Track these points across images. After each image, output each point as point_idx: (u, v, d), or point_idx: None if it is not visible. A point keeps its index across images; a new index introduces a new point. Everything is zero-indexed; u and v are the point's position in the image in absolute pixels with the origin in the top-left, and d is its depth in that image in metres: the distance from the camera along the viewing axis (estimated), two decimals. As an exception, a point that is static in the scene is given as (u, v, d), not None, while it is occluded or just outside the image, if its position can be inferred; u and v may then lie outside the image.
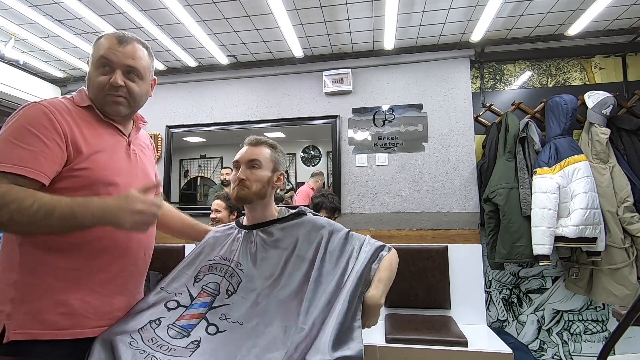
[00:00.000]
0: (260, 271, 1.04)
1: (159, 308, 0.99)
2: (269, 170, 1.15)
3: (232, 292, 1.01)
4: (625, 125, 2.27)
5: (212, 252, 1.14)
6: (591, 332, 2.40)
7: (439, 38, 2.59)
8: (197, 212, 2.79)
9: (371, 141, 2.75)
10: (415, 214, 2.62)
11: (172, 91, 3.11)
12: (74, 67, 2.97)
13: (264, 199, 1.15)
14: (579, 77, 2.59)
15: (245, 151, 1.16)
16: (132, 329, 0.92)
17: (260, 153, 1.15)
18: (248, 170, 1.13)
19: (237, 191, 1.12)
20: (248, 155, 1.14)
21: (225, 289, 1.02)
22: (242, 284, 1.02)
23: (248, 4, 2.16)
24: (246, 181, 1.11)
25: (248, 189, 1.11)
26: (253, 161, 1.13)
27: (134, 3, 2.12)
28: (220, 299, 1.00)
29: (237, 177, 1.12)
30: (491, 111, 2.65)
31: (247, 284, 1.02)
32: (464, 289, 2.42)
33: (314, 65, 2.87)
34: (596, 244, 2.06)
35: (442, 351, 1.89)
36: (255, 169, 1.13)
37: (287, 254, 1.06)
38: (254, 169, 1.13)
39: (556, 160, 2.19)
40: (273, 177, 1.16)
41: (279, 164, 1.19)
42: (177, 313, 0.98)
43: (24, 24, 2.34)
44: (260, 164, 1.13)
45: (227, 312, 0.97)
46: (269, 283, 1.01)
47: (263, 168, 1.14)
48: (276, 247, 1.09)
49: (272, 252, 1.08)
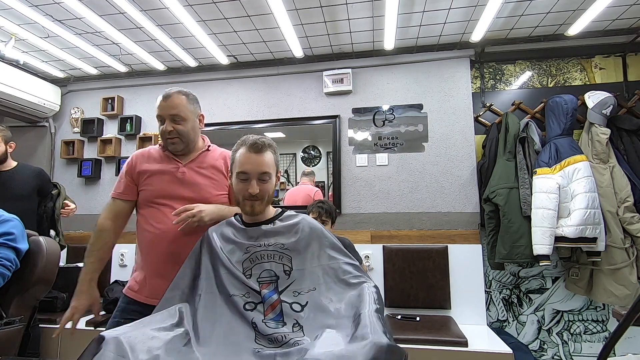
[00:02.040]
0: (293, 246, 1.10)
1: (239, 312, 1.00)
2: (274, 175, 1.17)
3: (289, 270, 1.06)
4: (625, 125, 2.27)
5: (238, 245, 1.12)
6: (591, 332, 2.40)
7: (439, 38, 2.59)
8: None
9: (371, 141, 2.75)
10: (415, 214, 2.62)
11: (172, 91, 3.11)
12: (74, 67, 2.97)
13: (271, 203, 1.19)
14: (579, 77, 2.59)
15: (253, 162, 1.12)
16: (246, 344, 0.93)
17: (268, 161, 1.14)
18: (260, 183, 1.12)
19: (251, 207, 1.12)
20: (258, 168, 1.11)
21: (282, 270, 1.06)
22: (293, 261, 1.08)
23: (248, 4, 2.16)
24: (260, 194, 1.12)
25: (261, 202, 1.13)
26: (265, 174, 1.12)
27: (134, 3, 2.12)
28: (282, 282, 1.04)
29: (250, 191, 1.10)
30: (491, 111, 2.65)
31: (298, 260, 1.08)
32: (464, 289, 2.42)
33: (314, 65, 2.87)
34: (596, 244, 2.06)
35: (442, 351, 1.89)
36: (266, 181, 1.13)
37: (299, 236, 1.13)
38: (265, 182, 1.13)
39: (556, 160, 2.19)
40: (277, 180, 1.20)
41: (279, 165, 1.21)
42: (259, 312, 1.00)
43: (24, 24, 2.34)
44: (270, 175, 1.14)
45: (296, 287, 1.04)
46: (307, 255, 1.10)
47: (272, 177, 1.15)
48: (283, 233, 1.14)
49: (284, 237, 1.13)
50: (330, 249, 1.12)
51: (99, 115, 3.17)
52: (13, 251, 1.43)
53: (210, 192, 1.35)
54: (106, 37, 2.51)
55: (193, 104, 1.37)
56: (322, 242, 1.13)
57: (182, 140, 1.33)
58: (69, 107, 3.25)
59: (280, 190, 2.99)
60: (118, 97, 3.14)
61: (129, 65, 2.98)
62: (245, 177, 1.12)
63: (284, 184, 3.00)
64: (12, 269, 1.42)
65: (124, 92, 3.19)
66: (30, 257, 1.51)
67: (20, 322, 1.45)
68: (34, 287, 1.49)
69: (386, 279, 2.50)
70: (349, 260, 1.11)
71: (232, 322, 0.98)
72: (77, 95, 3.24)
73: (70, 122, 3.25)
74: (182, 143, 1.33)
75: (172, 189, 1.33)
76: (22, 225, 1.53)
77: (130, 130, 3.07)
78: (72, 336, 1.36)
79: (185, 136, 1.33)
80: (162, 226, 1.29)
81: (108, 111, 3.14)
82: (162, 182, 1.33)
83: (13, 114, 2.95)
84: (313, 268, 1.08)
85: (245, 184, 1.12)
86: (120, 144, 3.15)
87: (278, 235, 1.12)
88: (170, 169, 1.35)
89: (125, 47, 2.63)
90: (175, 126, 1.31)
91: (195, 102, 1.40)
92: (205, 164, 1.38)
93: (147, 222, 1.33)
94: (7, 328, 1.40)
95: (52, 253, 1.57)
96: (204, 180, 1.36)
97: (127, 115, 3.10)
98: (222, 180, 1.39)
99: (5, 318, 1.41)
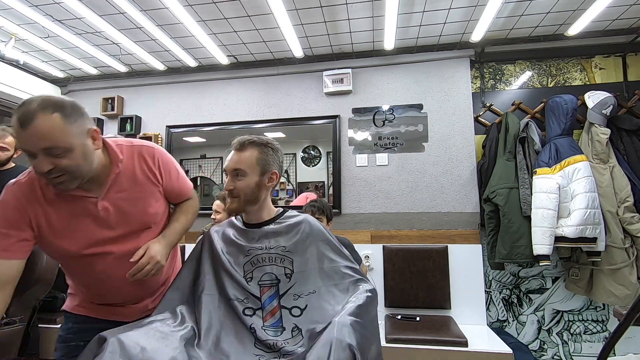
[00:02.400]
0: (294, 247, 1.10)
1: (238, 316, 1.00)
2: (257, 175, 1.10)
3: (290, 273, 1.06)
4: (625, 125, 2.27)
5: (239, 247, 1.11)
6: (591, 332, 2.40)
7: (439, 38, 2.59)
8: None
9: (371, 141, 2.75)
10: (415, 214, 2.62)
11: (172, 91, 3.11)
12: (74, 67, 2.97)
13: (257, 203, 1.13)
14: (579, 77, 2.59)
15: (230, 158, 1.12)
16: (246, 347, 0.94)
17: (245, 159, 1.10)
18: (235, 180, 1.10)
19: (229, 204, 1.12)
20: (232, 165, 1.11)
21: (284, 273, 1.05)
22: (294, 263, 1.07)
23: (248, 4, 2.16)
24: (234, 191, 1.10)
25: (238, 200, 1.10)
26: (237, 170, 1.10)
27: (134, 3, 2.12)
28: (283, 285, 1.04)
29: (226, 187, 1.12)
30: (491, 111, 2.65)
31: (299, 262, 1.07)
32: (464, 289, 2.42)
33: (314, 65, 2.87)
34: (596, 244, 2.06)
35: (442, 351, 1.89)
36: (240, 178, 1.10)
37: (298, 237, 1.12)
38: (239, 178, 1.10)
39: (556, 160, 2.19)
40: (264, 179, 1.11)
41: (269, 164, 1.12)
42: (259, 317, 1.00)
43: (24, 24, 2.34)
44: (244, 172, 1.09)
45: (297, 291, 1.04)
46: (307, 256, 1.09)
47: (248, 175, 1.09)
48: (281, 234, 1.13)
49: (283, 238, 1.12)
50: (330, 251, 1.12)
51: (99, 115, 3.17)
52: None
53: (147, 211, 1.07)
54: (106, 37, 2.51)
55: (75, 121, 0.88)
56: (322, 244, 1.13)
57: (73, 177, 0.90)
58: (69, 107, 3.25)
59: (280, 190, 2.98)
60: (118, 97, 3.14)
61: (129, 65, 2.98)
62: (225, 172, 1.14)
63: (284, 184, 3.00)
64: None
65: (124, 92, 3.19)
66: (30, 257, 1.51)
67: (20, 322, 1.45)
68: (34, 287, 1.49)
69: (386, 279, 2.50)
70: (349, 264, 1.11)
71: (232, 326, 0.99)
72: (77, 95, 3.24)
73: (70, 122, 3.25)
74: (74, 180, 0.91)
75: (101, 234, 1.00)
76: None
77: (131, 130, 3.06)
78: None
79: (76, 171, 0.89)
80: (104, 276, 1.04)
81: (108, 111, 3.14)
82: (84, 231, 0.98)
83: (13, 114, 2.95)
84: (314, 270, 1.08)
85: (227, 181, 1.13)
86: (120, 144, 3.14)
87: (279, 237, 1.11)
88: (86, 209, 0.98)
89: (125, 47, 2.63)
90: (56, 162, 0.85)
91: (79, 116, 0.89)
92: (126, 185, 1.03)
93: (79, 272, 1.08)
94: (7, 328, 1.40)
95: (52, 253, 1.57)
96: (134, 205, 1.04)
97: (127, 115, 3.10)
98: (152, 188, 1.09)
99: (5, 318, 1.41)
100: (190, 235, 2.73)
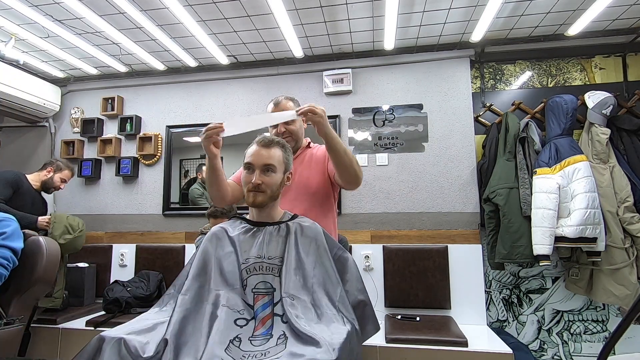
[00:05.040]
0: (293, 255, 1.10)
1: (229, 324, 0.97)
2: (282, 172, 1.16)
3: (285, 282, 1.06)
4: (625, 125, 2.27)
5: (239, 252, 1.11)
6: (591, 332, 2.39)
7: (439, 38, 2.59)
8: (196, 212, 2.80)
9: (371, 141, 2.75)
10: (415, 214, 2.62)
11: (172, 91, 3.11)
12: (74, 67, 2.97)
13: (276, 200, 1.18)
14: (579, 77, 2.59)
15: (258, 153, 1.14)
16: (218, 353, 0.89)
17: (274, 155, 1.14)
18: (263, 175, 1.13)
19: (254, 197, 1.13)
20: (264, 160, 1.13)
21: (279, 283, 1.06)
22: (290, 272, 1.07)
23: (248, 4, 2.16)
24: (262, 185, 1.12)
25: (264, 195, 1.13)
26: (268, 166, 1.13)
27: (134, 3, 2.12)
28: (278, 293, 1.05)
29: (253, 182, 1.12)
30: (491, 111, 2.65)
31: (295, 271, 1.07)
32: (464, 289, 2.42)
33: (314, 65, 2.87)
34: (596, 244, 2.06)
35: (442, 351, 1.89)
36: (269, 174, 1.13)
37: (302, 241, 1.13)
38: (269, 174, 1.13)
39: (556, 160, 2.19)
40: (284, 177, 1.18)
41: (289, 164, 1.20)
42: (250, 327, 0.99)
43: (24, 24, 2.34)
44: (274, 168, 1.14)
45: (291, 300, 1.03)
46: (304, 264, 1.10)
47: (277, 171, 1.14)
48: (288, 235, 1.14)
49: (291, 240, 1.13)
50: (327, 260, 1.12)
51: (99, 115, 3.17)
52: (8, 250, 1.43)
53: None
54: (106, 37, 2.51)
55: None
56: (322, 254, 1.13)
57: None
58: (69, 107, 3.25)
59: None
60: (118, 97, 3.14)
61: (129, 65, 2.98)
62: (250, 167, 1.15)
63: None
64: (10, 267, 1.42)
65: (124, 92, 3.19)
66: (30, 257, 1.51)
67: (20, 322, 1.45)
68: (34, 287, 1.49)
69: (386, 278, 2.50)
70: (338, 296, 1.08)
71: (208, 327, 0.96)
72: (77, 95, 3.24)
73: (70, 122, 3.25)
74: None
75: None
76: (17, 224, 1.52)
77: (131, 130, 3.06)
78: (72, 335, 1.35)
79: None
80: None
81: (108, 111, 3.14)
82: None
83: (13, 114, 2.95)
84: (310, 280, 1.07)
85: (250, 175, 1.14)
86: (120, 144, 3.14)
87: (280, 242, 1.12)
88: None
89: (125, 47, 2.63)
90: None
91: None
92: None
93: None
94: (7, 328, 1.40)
95: (52, 253, 1.57)
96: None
97: (127, 115, 3.10)
98: None
99: (5, 318, 1.41)
100: (190, 236, 2.77)
